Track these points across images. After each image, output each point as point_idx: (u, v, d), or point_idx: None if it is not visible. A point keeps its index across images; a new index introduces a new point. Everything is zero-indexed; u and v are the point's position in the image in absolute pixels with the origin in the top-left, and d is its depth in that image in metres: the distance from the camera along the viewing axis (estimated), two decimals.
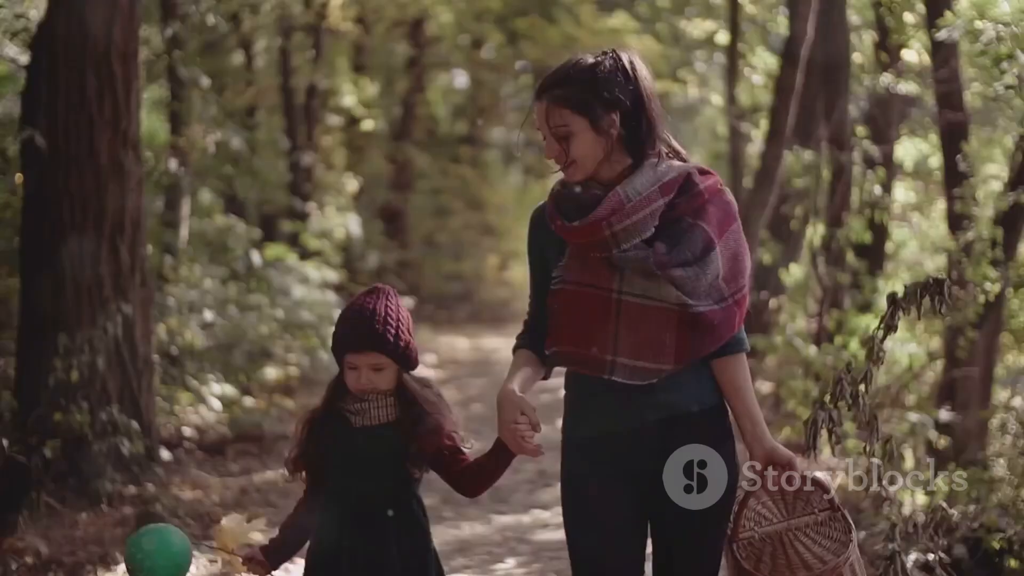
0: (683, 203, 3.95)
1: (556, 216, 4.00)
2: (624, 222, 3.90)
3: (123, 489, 8.31)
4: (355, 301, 4.27)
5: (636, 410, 3.95)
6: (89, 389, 8.33)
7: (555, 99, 3.94)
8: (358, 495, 4.17)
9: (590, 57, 3.98)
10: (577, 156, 3.94)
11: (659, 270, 3.87)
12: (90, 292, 8.57)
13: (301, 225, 18.29)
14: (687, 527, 4.01)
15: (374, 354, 4.16)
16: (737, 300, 3.98)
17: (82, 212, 8.63)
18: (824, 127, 12.81)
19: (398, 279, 22.13)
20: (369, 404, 4.20)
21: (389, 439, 4.18)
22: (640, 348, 3.90)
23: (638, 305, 3.90)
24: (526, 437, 3.89)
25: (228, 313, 12.64)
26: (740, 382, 4.05)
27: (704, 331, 3.93)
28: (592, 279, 3.94)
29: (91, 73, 8.62)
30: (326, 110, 20.73)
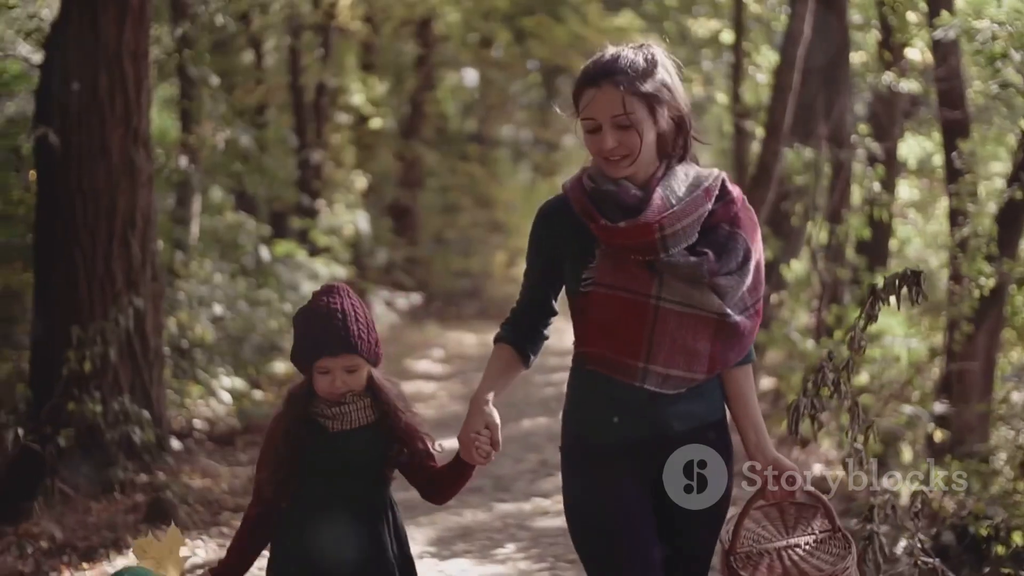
0: (720, 210, 3.89)
1: (596, 214, 3.85)
2: (675, 225, 3.80)
3: (135, 477, 8.46)
4: (317, 304, 4.14)
5: (661, 419, 3.87)
6: (101, 380, 8.47)
7: (624, 86, 3.79)
8: (339, 501, 4.08)
9: (632, 50, 3.87)
10: (635, 148, 3.82)
11: (709, 277, 3.79)
12: (102, 286, 8.72)
13: (310, 222, 18.42)
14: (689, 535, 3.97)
15: (349, 356, 4.07)
16: (757, 310, 3.94)
17: (95, 208, 8.77)
18: (824, 125, 12.98)
19: (407, 275, 22.32)
20: (348, 407, 4.11)
21: (369, 441, 4.11)
22: (674, 356, 3.82)
23: (676, 312, 3.80)
24: (480, 451, 3.88)
25: (238, 308, 12.83)
26: (747, 393, 4.02)
27: (736, 341, 3.88)
28: (628, 283, 3.82)
29: (103, 72, 8.75)
30: (335, 108, 20.78)
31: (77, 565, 7.07)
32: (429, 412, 12.61)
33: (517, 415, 12.18)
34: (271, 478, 4.09)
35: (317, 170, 19.12)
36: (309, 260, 16.01)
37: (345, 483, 4.07)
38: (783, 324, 13.21)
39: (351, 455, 4.07)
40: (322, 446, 4.08)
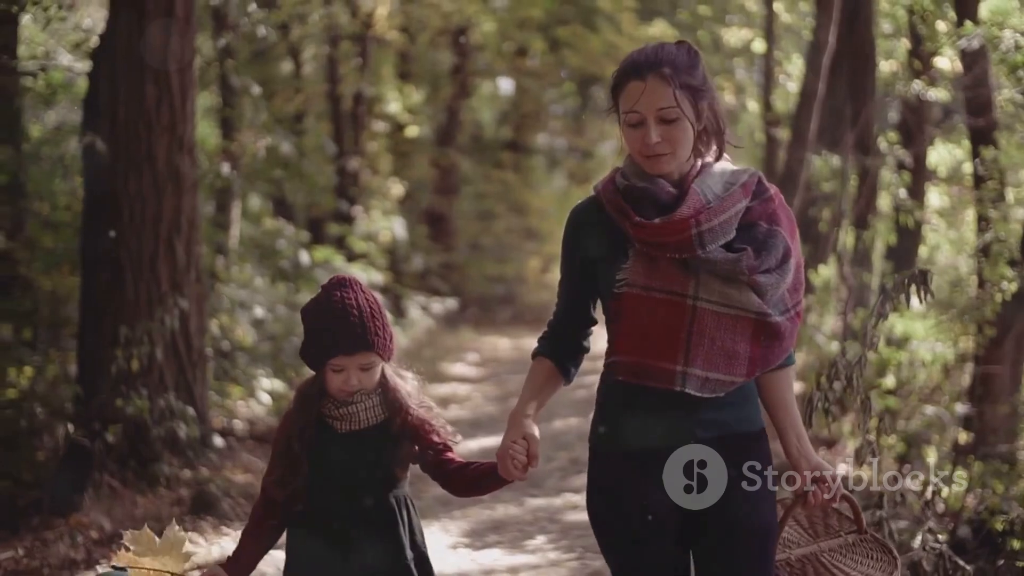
0: (757, 207, 3.78)
1: (631, 212, 3.73)
2: (712, 221, 3.68)
3: (179, 472, 8.76)
4: (330, 299, 3.98)
5: (691, 426, 3.76)
6: (148, 378, 8.79)
7: (670, 79, 3.68)
8: (351, 504, 3.95)
9: (673, 46, 3.77)
10: (679, 143, 3.71)
11: (748, 275, 3.66)
12: (148, 288, 9.03)
13: (348, 228, 18.64)
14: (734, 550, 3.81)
15: (364, 353, 3.94)
16: (798, 311, 3.81)
17: (141, 213, 9.07)
18: (851, 133, 13.21)
19: (442, 281, 22.52)
20: (356, 407, 3.97)
21: (377, 442, 3.98)
22: (714, 358, 3.69)
23: (713, 312, 3.68)
24: (517, 462, 3.75)
25: (277, 311, 13.11)
26: (787, 396, 3.89)
27: (776, 342, 3.75)
28: (663, 283, 3.70)
29: (150, 82, 9.05)
30: (372, 116, 20.94)
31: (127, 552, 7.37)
32: (464, 413, 12.94)
33: (549, 415, 12.48)
34: (281, 479, 3.97)
35: (354, 177, 19.31)
36: (346, 265, 16.20)
37: (356, 485, 3.95)
38: (810, 328, 13.44)
39: (360, 456, 3.95)
40: (331, 448, 3.96)
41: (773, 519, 3.85)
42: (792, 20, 18.42)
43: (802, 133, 11.88)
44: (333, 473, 3.94)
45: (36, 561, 7.28)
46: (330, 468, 3.94)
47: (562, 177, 30.50)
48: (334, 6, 18.08)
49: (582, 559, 7.39)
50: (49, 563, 7.24)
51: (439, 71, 24.34)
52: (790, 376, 3.92)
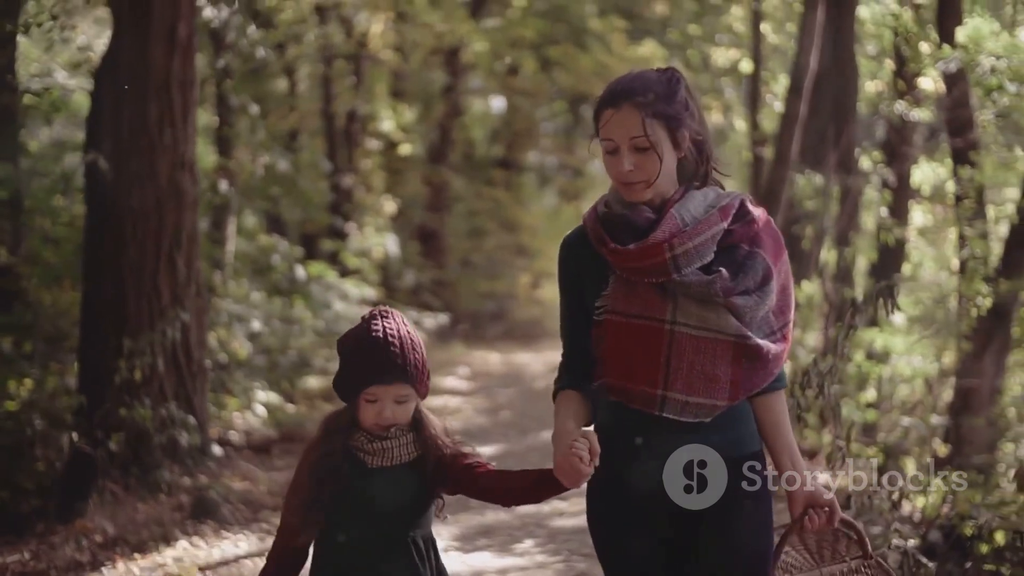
0: (739, 229, 3.77)
1: (606, 239, 3.76)
2: (686, 244, 3.68)
3: (179, 479, 9.01)
4: (370, 328, 3.87)
5: (673, 451, 3.75)
6: (149, 388, 9.03)
7: (644, 108, 3.69)
8: (377, 542, 3.86)
9: (654, 72, 3.79)
10: (654, 172, 3.71)
11: (723, 296, 3.67)
12: (150, 301, 9.24)
13: (341, 244, 18.83)
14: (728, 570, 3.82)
15: (400, 385, 3.84)
16: (784, 334, 3.79)
17: (143, 228, 9.28)
18: (833, 153, 13.53)
19: (434, 297, 22.64)
20: (391, 443, 3.87)
21: (409, 480, 3.88)
22: (693, 382, 3.69)
23: (691, 336, 3.68)
24: (583, 459, 3.59)
25: (272, 325, 13.37)
26: (781, 420, 3.85)
27: (759, 365, 3.73)
28: (641, 309, 3.71)
29: (152, 101, 9.26)
30: (366, 134, 21.12)
31: (129, 556, 7.65)
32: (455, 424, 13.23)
33: (538, 426, 12.79)
34: (303, 511, 3.87)
35: (348, 194, 19.51)
36: (339, 281, 16.40)
37: (383, 523, 3.86)
38: (794, 344, 13.74)
39: (390, 493, 3.85)
40: (360, 482, 3.86)
41: (769, 544, 3.84)
42: (779, 41, 18.73)
43: (784, 153, 12.20)
44: (361, 508, 3.84)
45: (43, 564, 7.50)
46: (358, 502, 3.84)
47: (553, 195, 30.54)
48: (329, 26, 18.36)
49: (568, 561, 7.67)
50: (56, 565, 7.47)
51: (431, 90, 24.45)
52: (782, 399, 3.86)
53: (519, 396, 16.19)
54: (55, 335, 10.87)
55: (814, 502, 3.81)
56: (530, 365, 20.30)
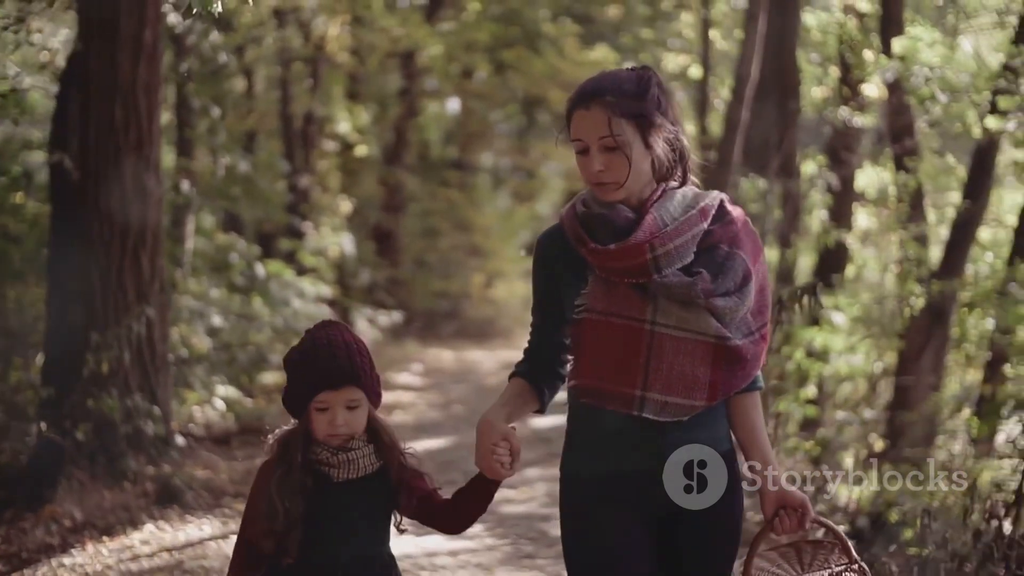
0: (718, 230, 3.74)
1: (586, 239, 3.72)
2: (667, 245, 3.65)
3: (144, 468, 9.30)
4: (315, 338, 3.83)
5: (658, 449, 3.73)
6: (115, 380, 9.30)
7: (613, 107, 3.66)
8: (343, 559, 3.79)
9: (627, 71, 3.77)
10: (623, 172, 3.68)
11: (704, 298, 3.63)
12: (115, 296, 9.48)
13: (298, 243, 19.05)
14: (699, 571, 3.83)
15: (351, 389, 3.79)
16: (763, 335, 3.77)
17: (109, 227, 9.51)
18: (775, 157, 13.97)
19: (388, 295, 22.89)
20: (355, 454, 3.81)
21: (375, 491, 3.82)
22: (672, 383, 3.65)
23: (671, 337, 3.64)
24: (504, 464, 3.69)
25: (231, 321, 13.65)
26: (756, 421, 3.85)
27: (738, 366, 3.69)
28: (621, 308, 3.67)
29: (119, 104, 9.50)
30: (322, 136, 21.37)
31: (98, 539, 8.01)
32: (408, 418, 13.65)
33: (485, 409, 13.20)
34: (267, 531, 3.76)
35: (305, 194, 19.72)
36: (297, 279, 16.58)
37: (350, 538, 3.80)
38: None
39: (358, 506, 3.81)
40: (327, 497, 3.79)
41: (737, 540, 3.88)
42: (727, 47, 19.19)
43: (727, 158, 12.63)
44: (329, 523, 3.78)
45: (14, 547, 7.81)
46: (323, 518, 3.78)
47: (506, 196, 30.78)
48: (287, 29, 18.66)
49: (515, 544, 8.13)
50: (27, 548, 7.79)
51: (387, 92, 24.70)
52: (757, 400, 3.86)
53: (471, 392, 16.60)
54: (18, 330, 11.03)
55: (786, 503, 3.80)
56: (482, 362, 20.75)
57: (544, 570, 7.88)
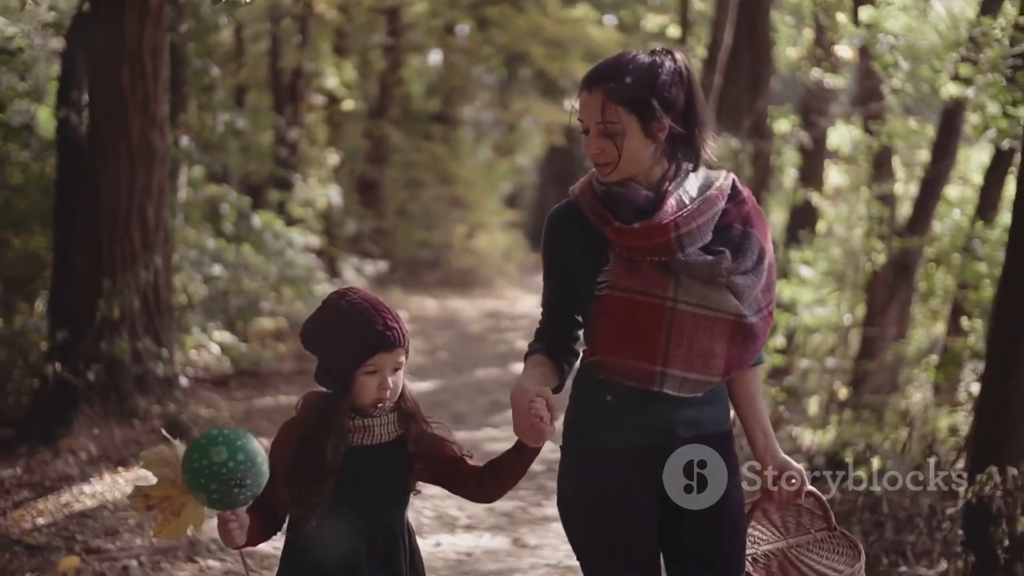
0: (732, 209, 3.78)
1: (609, 218, 3.73)
2: (690, 224, 3.68)
3: (151, 407, 9.88)
4: (351, 302, 3.75)
5: (671, 425, 3.78)
6: (124, 324, 9.83)
7: (611, 94, 3.68)
8: (357, 525, 3.75)
9: (645, 55, 3.74)
10: (623, 156, 3.70)
11: (727, 277, 3.67)
12: (123, 246, 9.95)
13: (287, 194, 19.42)
14: (704, 546, 3.86)
15: (400, 350, 3.73)
16: (770, 311, 3.83)
17: (116, 181, 9.96)
18: (748, 118, 14.53)
19: (373, 245, 23.23)
20: (375, 420, 3.76)
21: (392, 458, 3.77)
22: (692, 359, 3.69)
23: (692, 314, 3.67)
24: (544, 418, 3.60)
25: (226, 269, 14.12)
26: (755, 394, 3.93)
27: (751, 342, 3.75)
28: (644, 285, 3.68)
29: (126, 66, 9.92)
30: (310, 90, 21.69)
31: (114, 470, 8.63)
32: None
33: (471, 366, 13.93)
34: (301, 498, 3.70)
35: (293, 147, 20.05)
36: (286, 229, 16.87)
37: (365, 505, 3.77)
38: None
39: (373, 472, 3.76)
40: (346, 463, 3.73)
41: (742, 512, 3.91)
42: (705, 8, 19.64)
43: None
44: (343, 490, 3.73)
45: (37, 476, 8.43)
46: (340, 484, 3.72)
47: (488, 149, 31.23)
48: None
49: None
50: (49, 477, 8.41)
51: (372, 46, 24.97)
52: (758, 374, 3.96)
53: (454, 339, 17.27)
54: (25, 277, 11.45)
55: (784, 473, 3.90)
56: (465, 311, 21.38)
57: (525, 500, 8.59)
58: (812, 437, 11.14)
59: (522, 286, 25.45)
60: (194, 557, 6.87)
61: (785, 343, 14.31)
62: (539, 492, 8.94)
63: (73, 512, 7.74)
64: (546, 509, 8.47)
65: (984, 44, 11.11)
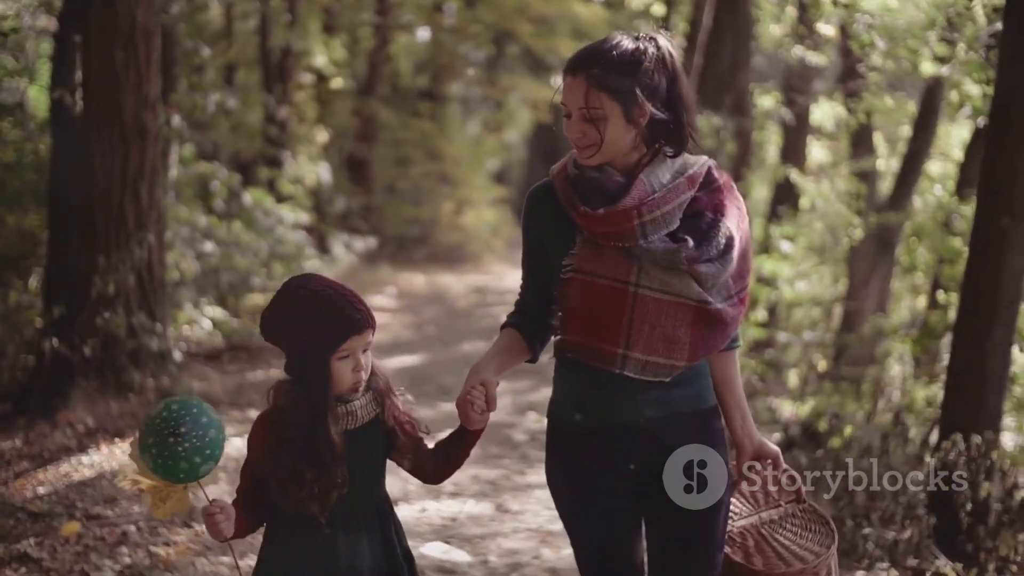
0: (704, 197, 3.78)
1: (576, 201, 3.77)
2: (654, 212, 3.70)
3: (145, 381, 10.07)
4: (318, 289, 3.75)
5: (638, 405, 3.80)
6: (119, 300, 10.01)
7: (594, 79, 3.70)
8: (352, 506, 3.78)
9: (629, 41, 3.74)
10: (605, 141, 3.72)
11: (688, 265, 3.69)
12: (116, 224, 10.09)
13: (277, 172, 19.63)
14: (682, 526, 3.87)
15: (369, 331, 3.76)
16: (741, 298, 3.84)
17: (110, 160, 10.06)
18: (729, 97, 14.79)
19: (362, 221, 23.53)
20: (355, 404, 3.79)
21: (374, 438, 3.82)
22: (654, 343, 3.72)
23: (655, 299, 3.70)
24: (477, 409, 3.73)
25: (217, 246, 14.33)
26: (733, 378, 3.96)
27: (718, 328, 3.76)
28: (607, 270, 3.72)
29: (119, 48, 10.02)
30: (299, 69, 21.84)
31: (111, 441, 8.87)
32: (384, 338, 14.58)
33: (458, 339, 14.19)
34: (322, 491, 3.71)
35: (282, 125, 20.24)
36: (276, 207, 17.13)
37: (359, 487, 3.78)
38: None
39: (360, 455, 3.77)
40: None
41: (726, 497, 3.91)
42: None
43: None
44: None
45: (36, 448, 8.66)
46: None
47: (476, 125, 31.44)
48: None
49: (483, 447, 9.06)
50: (48, 449, 8.63)
51: (361, 24, 25.12)
52: (735, 358, 3.98)
53: (442, 313, 17.54)
54: (19, 253, 11.65)
55: (761, 454, 4.00)
56: (453, 286, 21.65)
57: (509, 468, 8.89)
58: (792, 408, 11.43)
59: (509, 261, 25.69)
60: (190, 523, 7.11)
61: (767, 317, 14.58)
62: (522, 461, 9.25)
63: (72, 481, 7.97)
64: (528, 477, 8.77)
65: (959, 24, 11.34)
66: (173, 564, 6.23)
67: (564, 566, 6.75)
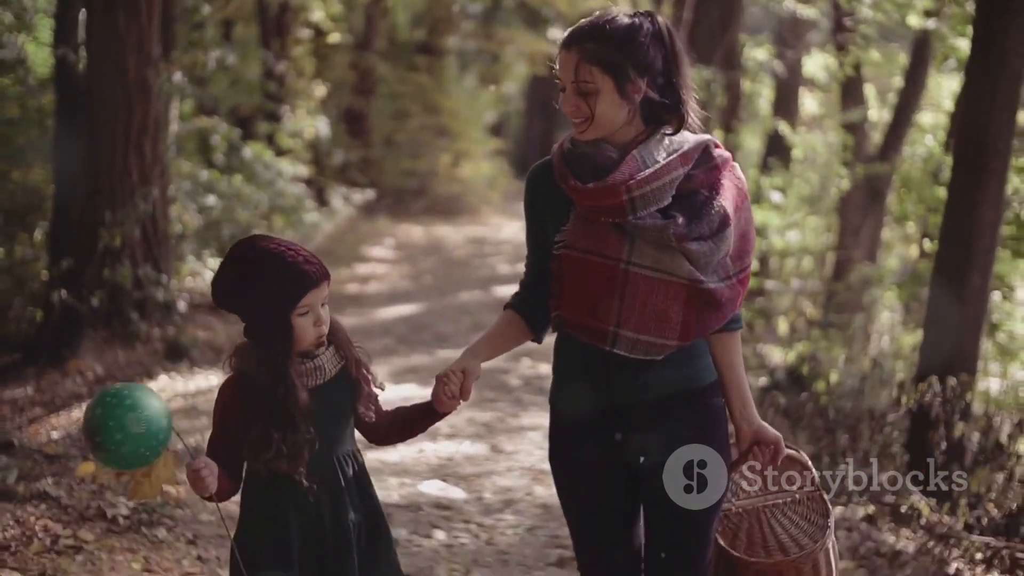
0: (700, 175, 3.72)
1: (568, 175, 3.74)
2: (644, 188, 3.64)
3: (151, 331, 10.43)
4: (268, 249, 3.69)
5: (632, 385, 3.77)
6: (125, 253, 10.35)
7: (586, 54, 3.67)
8: (328, 460, 3.77)
9: (625, 17, 3.70)
10: (596, 116, 3.69)
11: (677, 242, 3.63)
12: (121, 180, 10.39)
13: (276, 126, 19.80)
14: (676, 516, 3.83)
15: (325, 284, 3.73)
16: (741, 279, 3.78)
17: (113, 117, 10.38)
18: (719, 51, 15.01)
19: (361, 174, 23.76)
20: (322, 359, 3.77)
21: (342, 391, 3.80)
22: (645, 322, 3.67)
23: (646, 277, 3.66)
24: (448, 394, 3.75)
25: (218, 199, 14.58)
26: (734, 360, 3.88)
27: (712, 308, 3.70)
28: (598, 246, 3.69)
29: (121, 8, 10.30)
30: (297, 24, 21.90)
31: None
32: (383, 287, 14.93)
33: (455, 289, 14.51)
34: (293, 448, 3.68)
35: (281, 80, 20.39)
36: (275, 160, 17.31)
37: (332, 442, 3.77)
38: None
39: (330, 409, 3.76)
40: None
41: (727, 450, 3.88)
42: None
43: None
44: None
45: (47, 395, 8.98)
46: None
47: (472, 79, 31.54)
48: None
49: (480, 391, 9.43)
50: (59, 396, 8.95)
51: None
52: (736, 339, 3.89)
53: (439, 264, 17.84)
54: (24, 209, 11.82)
55: (760, 439, 3.91)
56: (450, 237, 21.95)
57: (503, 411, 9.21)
58: (781, 354, 11.74)
59: (506, 213, 25.96)
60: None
61: (758, 266, 14.85)
62: (516, 404, 9.58)
63: None
64: (522, 419, 9.11)
65: None
66: (184, 501, 6.51)
67: (556, 502, 7.04)
